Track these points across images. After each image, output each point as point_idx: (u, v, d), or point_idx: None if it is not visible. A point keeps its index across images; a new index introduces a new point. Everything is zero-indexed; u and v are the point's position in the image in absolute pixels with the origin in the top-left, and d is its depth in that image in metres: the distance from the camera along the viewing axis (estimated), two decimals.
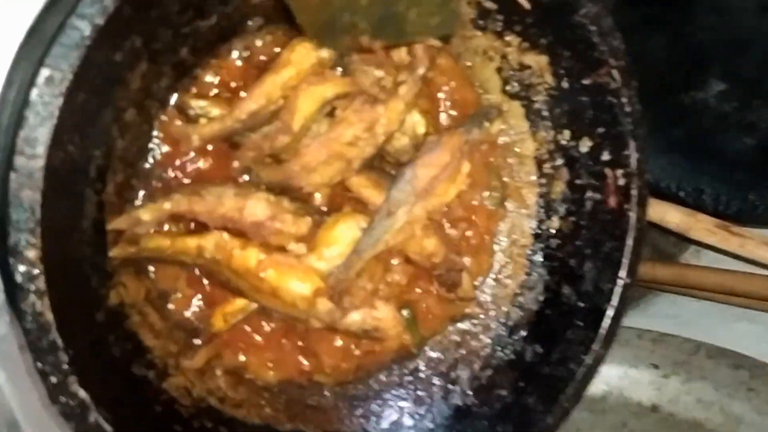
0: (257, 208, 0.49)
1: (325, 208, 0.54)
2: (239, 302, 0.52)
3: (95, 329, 0.45)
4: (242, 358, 0.55)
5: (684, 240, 0.80)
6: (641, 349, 0.78)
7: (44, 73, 0.39)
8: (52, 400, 0.41)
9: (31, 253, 0.39)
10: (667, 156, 0.77)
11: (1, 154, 0.39)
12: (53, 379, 0.40)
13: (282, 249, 0.50)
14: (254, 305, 0.52)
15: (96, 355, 0.45)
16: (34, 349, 0.40)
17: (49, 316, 0.40)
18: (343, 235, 0.52)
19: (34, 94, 0.39)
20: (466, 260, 0.59)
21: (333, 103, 0.52)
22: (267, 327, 0.55)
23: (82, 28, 0.39)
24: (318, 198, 0.54)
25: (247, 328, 0.55)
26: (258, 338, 0.56)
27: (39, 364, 0.40)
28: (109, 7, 0.39)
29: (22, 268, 0.39)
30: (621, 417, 0.77)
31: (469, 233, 0.59)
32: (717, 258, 0.79)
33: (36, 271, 0.39)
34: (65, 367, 0.41)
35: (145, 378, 0.48)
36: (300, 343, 0.56)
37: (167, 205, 0.49)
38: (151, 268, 0.51)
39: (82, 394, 0.41)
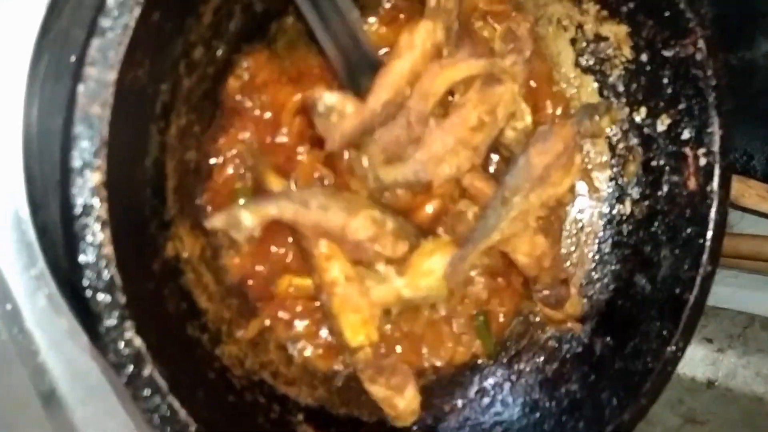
0: (361, 228, 0.46)
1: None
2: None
3: (151, 279, 0.41)
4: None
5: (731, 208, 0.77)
6: None
7: None
8: (105, 348, 0.36)
9: (96, 177, 0.35)
10: None
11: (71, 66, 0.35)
12: (108, 323, 0.36)
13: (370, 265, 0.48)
14: None
15: (152, 306, 0.40)
16: (90, 286, 0.36)
17: (110, 249, 0.36)
18: (439, 266, 0.49)
19: (111, 0, 0.35)
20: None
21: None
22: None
23: None
24: (429, 210, 0.51)
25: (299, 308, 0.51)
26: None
27: (95, 304, 0.36)
28: None
29: (85, 192, 0.35)
30: (676, 394, 0.74)
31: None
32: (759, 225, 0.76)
33: (99, 198, 0.35)
34: (122, 310, 0.36)
35: (199, 341, 0.44)
36: None
37: (272, 211, 0.45)
38: None
39: (138, 342, 0.37)
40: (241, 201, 0.47)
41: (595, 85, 0.56)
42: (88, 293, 0.36)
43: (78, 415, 0.47)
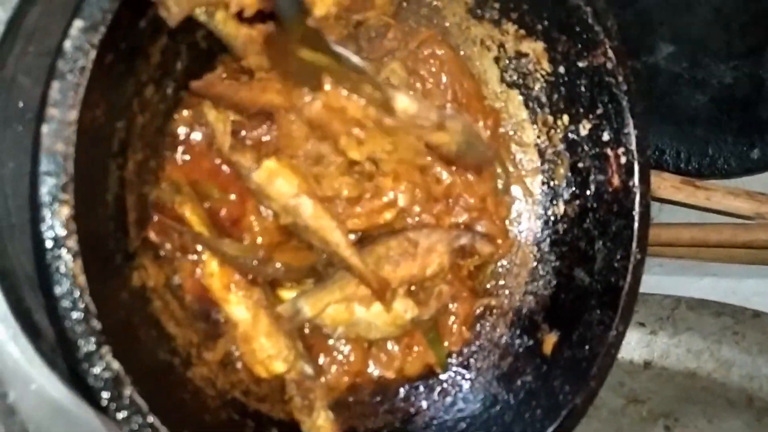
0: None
1: None
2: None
3: (122, 308, 0.42)
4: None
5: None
6: None
7: (78, 24, 0.38)
8: (84, 374, 0.38)
9: (65, 210, 0.37)
10: None
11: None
12: (86, 349, 0.37)
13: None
14: None
15: (125, 334, 0.42)
16: (66, 316, 0.37)
17: (82, 279, 0.37)
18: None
19: (68, 45, 0.38)
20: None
21: None
22: None
23: None
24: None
25: None
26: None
27: (72, 332, 0.37)
28: None
29: (56, 226, 0.37)
30: (617, 377, 0.78)
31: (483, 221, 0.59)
32: (675, 214, 0.82)
33: (69, 230, 0.37)
34: (99, 336, 0.38)
35: (171, 365, 0.45)
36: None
37: None
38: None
39: (116, 366, 0.38)
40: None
41: (521, 98, 0.61)
42: (65, 322, 0.37)
43: None
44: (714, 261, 0.88)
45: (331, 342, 0.55)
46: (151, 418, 0.39)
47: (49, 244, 0.37)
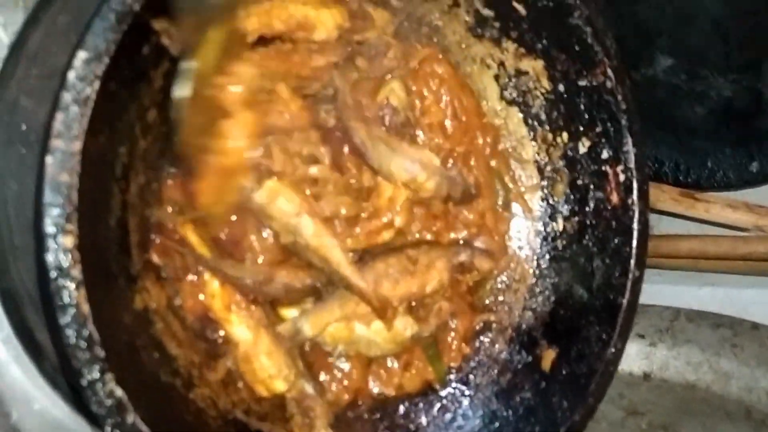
0: None
1: None
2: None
3: (125, 332, 0.43)
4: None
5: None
6: None
7: (81, 55, 0.38)
8: (88, 401, 0.38)
9: (69, 240, 0.37)
10: None
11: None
12: (90, 377, 0.38)
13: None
14: None
15: (128, 358, 0.42)
16: (68, 345, 0.38)
17: (86, 307, 0.38)
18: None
19: (72, 76, 0.38)
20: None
21: None
22: None
23: (119, 9, 0.39)
24: None
25: None
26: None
27: (76, 361, 0.38)
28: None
29: (60, 256, 0.37)
30: (616, 389, 0.78)
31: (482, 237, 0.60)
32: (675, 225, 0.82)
33: (73, 260, 0.38)
34: (102, 363, 0.38)
35: (173, 386, 0.46)
36: None
37: None
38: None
39: (119, 393, 0.39)
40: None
41: (520, 115, 0.61)
42: (70, 351, 0.37)
43: None
44: (713, 272, 0.88)
45: (331, 359, 0.55)
46: None
47: (53, 274, 0.37)
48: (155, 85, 0.46)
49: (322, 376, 0.55)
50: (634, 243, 0.57)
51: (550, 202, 0.62)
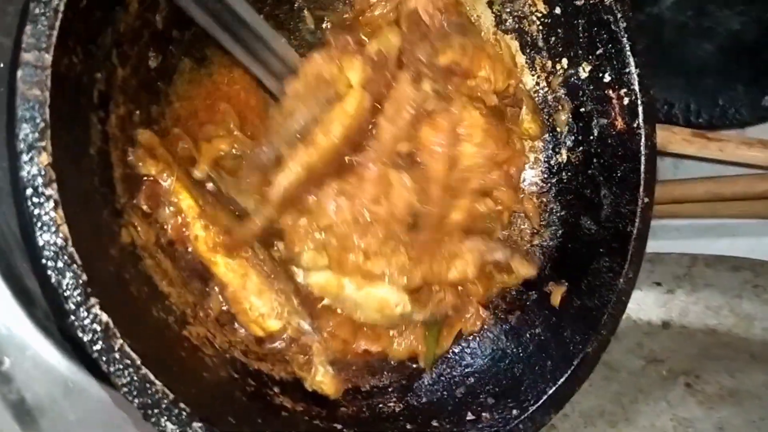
0: None
1: None
2: None
3: (111, 263, 0.41)
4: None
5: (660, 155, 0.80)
6: (641, 270, 0.78)
7: None
8: (73, 326, 0.37)
9: (43, 157, 0.36)
10: None
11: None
12: (74, 299, 0.36)
13: None
14: None
15: (115, 288, 0.41)
16: (51, 266, 0.36)
17: (65, 228, 0.36)
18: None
19: None
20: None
21: None
22: None
23: None
24: None
25: None
26: None
27: (58, 283, 0.36)
28: None
29: (34, 173, 0.36)
30: (635, 339, 0.76)
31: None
32: (688, 170, 0.80)
33: (48, 178, 0.36)
34: (85, 287, 0.37)
35: (166, 322, 0.44)
36: None
37: None
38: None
39: (105, 317, 0.37)
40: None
41: (517, 43, 0.59)
42: (50, 273, 0.36)
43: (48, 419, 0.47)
44: (731, 217, 0.85)
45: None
46: (143, 371, 0.38)
47: (29, 192, 0.36)
48: (131, 10, 0.44)
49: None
50: (642, 168, 0.55)
51: (553, 133, 0.60)
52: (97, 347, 0.37)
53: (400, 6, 0.53)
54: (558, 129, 0.59)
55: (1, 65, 0.47)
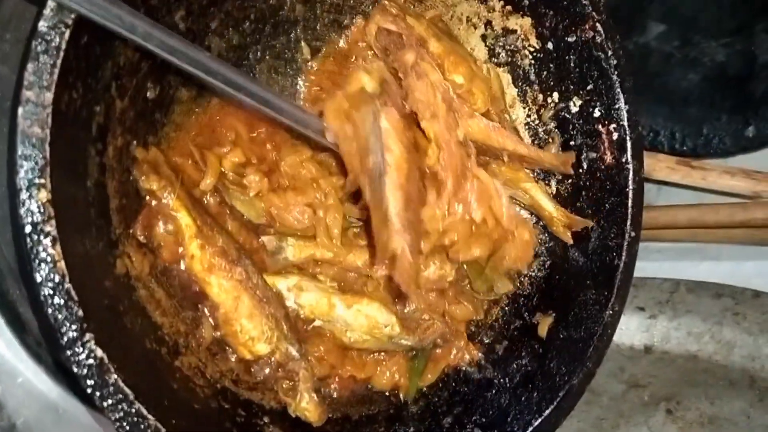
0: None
1: None
2: None
3: (106, 296, 0.42)
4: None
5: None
6: None
7: (51, 5, 0.37)
8: (68, 361, 0.37)
9: (42, 194, 0.36)
10: None
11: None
12: (69, 335, 0.37)
13: None
14: None
15: (110, 321, 0.41)
16: (47, 302, 0.36)
17: (62, 264, 0.37)
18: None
19: (42, 25, 0.37)
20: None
21: None
22: None
23: None
24: None
25: None
26: None
27: (54, 319, 0.36)
28: None
29: (34, 210, 0.36)
30: (617, 363, 0.77)
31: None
32: (672, 197, 0.81)
33: (48, 215, 0.36)
34: (81, 322, 0.37)
35: (158, 353, 0.45)
36: None
37: None
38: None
39: (100, 353, 0.37)
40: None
41: (509, 76, 0.60)
42: (47, 309, 0.36)
43: None
44: (712, 242, 0.87)
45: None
46: (137, 405, 0.38)
47: (28, 229, 0.36)
48: (131, 43, 0.44)
49: None
50: (630, 203, 0.56)
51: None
52: (91, 382, 0.37)
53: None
54: None
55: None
